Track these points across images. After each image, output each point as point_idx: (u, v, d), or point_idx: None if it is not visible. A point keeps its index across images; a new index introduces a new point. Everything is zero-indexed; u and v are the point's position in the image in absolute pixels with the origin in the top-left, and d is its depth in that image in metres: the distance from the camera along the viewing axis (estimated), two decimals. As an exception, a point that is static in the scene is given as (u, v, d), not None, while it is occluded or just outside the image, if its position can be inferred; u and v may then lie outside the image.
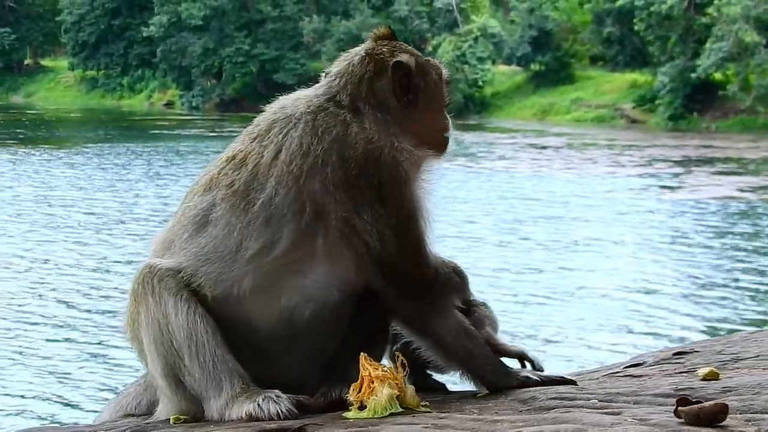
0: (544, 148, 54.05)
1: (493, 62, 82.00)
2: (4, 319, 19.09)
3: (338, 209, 3.88)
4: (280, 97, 4.17)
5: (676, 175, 42.56)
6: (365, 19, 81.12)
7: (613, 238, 28.16)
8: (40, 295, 21.00)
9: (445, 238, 24.39)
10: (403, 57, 4.08)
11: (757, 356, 4.71)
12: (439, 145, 4.15)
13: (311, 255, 3.93)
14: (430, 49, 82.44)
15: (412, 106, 4.06)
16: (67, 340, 17.87)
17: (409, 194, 3.94)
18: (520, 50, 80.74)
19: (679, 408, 3.37)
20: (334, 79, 4.10)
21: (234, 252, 3.91)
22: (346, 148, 3.89)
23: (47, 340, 17.80)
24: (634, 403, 3.69)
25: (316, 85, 4.17)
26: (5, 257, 24.61)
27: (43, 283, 22.00)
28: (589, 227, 29.70)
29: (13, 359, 16.57)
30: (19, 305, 20.11)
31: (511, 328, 17.77)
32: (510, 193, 36.91)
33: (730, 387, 3.90)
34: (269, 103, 4.21)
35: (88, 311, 19.70)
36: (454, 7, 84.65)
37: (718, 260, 25.82)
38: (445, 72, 4.22)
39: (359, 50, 4.17)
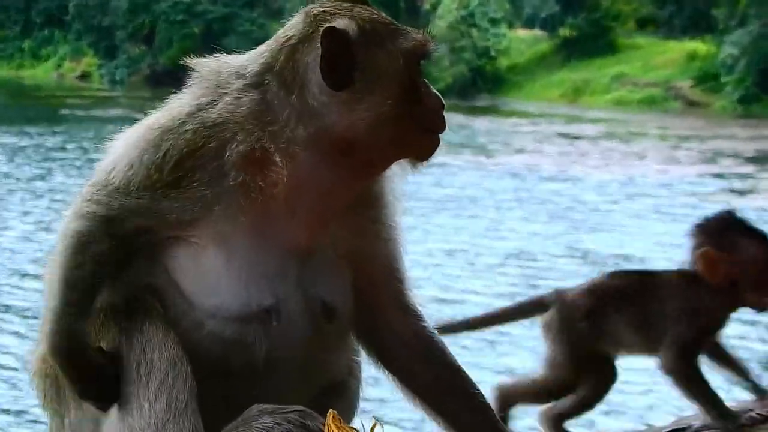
0: (576, 138, 53.99)
1: (510, 25, 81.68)
2: None
3: None
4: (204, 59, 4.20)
5: (748, 176, 42.52)
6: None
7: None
8: None
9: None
10: (341, 22, 3.85)
11: None
12: (413, 145, 3.96)
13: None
14: (427, 6, 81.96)
15: (348, 89, 3.83)
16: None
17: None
18: (545, 9, 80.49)
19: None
20: (263, 45, 4.07)
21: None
22: (170, 135, 3.98)
23: None
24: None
25: None
26: None
27: None
28: (636, 244, 29.49)
29: None
30: None
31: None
32: (532, 196, 36.95)
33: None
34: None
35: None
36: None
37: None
38: (431, 45, 3.97)
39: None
